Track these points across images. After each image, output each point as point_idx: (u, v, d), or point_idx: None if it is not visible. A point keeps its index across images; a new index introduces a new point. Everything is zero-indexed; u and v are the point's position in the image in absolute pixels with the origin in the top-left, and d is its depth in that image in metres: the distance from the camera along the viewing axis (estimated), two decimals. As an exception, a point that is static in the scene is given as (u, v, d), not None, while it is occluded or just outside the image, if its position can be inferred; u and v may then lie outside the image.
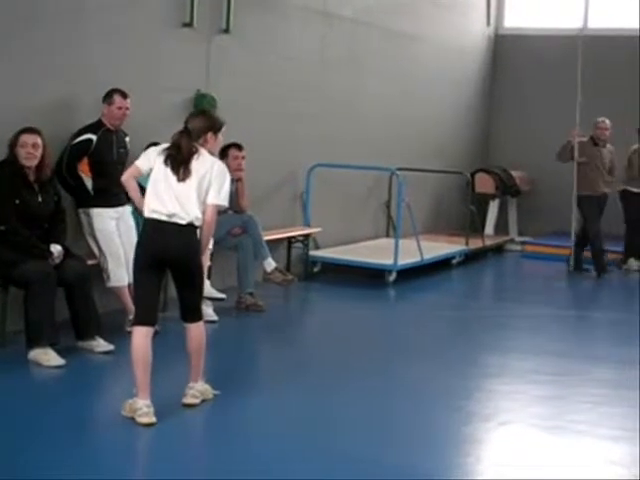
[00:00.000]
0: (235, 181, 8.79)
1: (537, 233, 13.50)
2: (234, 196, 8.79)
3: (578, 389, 6.72)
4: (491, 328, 8.74)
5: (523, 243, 13.63)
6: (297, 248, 10.58)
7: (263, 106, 9.86)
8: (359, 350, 7.63)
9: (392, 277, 10.38)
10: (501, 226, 14.18)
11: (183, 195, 5.47)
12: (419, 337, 8.31)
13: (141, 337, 5.45)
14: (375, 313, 9.36)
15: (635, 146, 12.20)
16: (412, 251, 10.79)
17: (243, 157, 8.78)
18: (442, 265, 11.64)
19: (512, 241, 13.97)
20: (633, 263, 12.22)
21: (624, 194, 12.16)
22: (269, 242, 9.09)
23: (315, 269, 10.71)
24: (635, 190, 12.08)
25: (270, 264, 8.77)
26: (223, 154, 8.72)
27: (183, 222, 5.46)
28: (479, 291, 11.70)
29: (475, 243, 12.66)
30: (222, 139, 5.90)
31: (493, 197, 14.14)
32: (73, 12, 7.57)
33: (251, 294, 8.63)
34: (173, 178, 5.50)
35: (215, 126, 5.73)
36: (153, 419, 5.32)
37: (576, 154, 11.57)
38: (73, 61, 7.59)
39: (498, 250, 13.53)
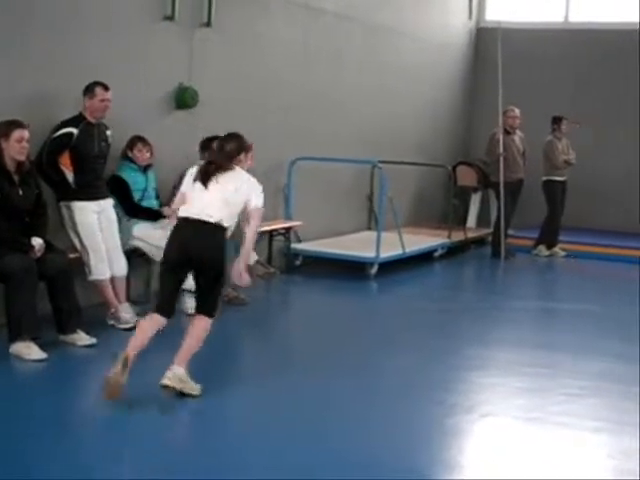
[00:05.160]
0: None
1: (521, 226, 13.51)
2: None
3: (560, 381, 6.74)
4: (473, 320, 8.78)
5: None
6: (279, 241, 10.57)
7: (244, 99, 9.84)
8: (341, 343, 7.63)
9: (374, 270, 10.39)
10: (483, 219, 14.19)
11: (209, 198, 5.78)
12: (401, 330, 8.32)
13: (151, 320, 5.78)
14: (357, 306, 9.37)
15: (549, 137, 12.81)
16: (394, 244, 10.80)
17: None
18: (424, 258, 11.67)
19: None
20: (543, 250, 12.93)
21: (547, 184, 12.77)
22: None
23: (297, 262, 10.70)
24: (559, 179, 12.74)
25: (252, 257, 8.75)
26: (208, 147, 8.68)
27: (210, 220, 5.72)
28: (461, 284, 11.73)
29: (457, 236, 12.69)
30: (250, 160, 6.17)
31: (475, 190, 14.17)
32: (53, 5, 7.53)
33: (233, 287, 8.60)
34: (203, 186, 5.84)
35: (245, 147, 6.03)
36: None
37: (501, 150, 12.20)
38: (53, 54, 7.54)
39: (480, 243, 13.56)
